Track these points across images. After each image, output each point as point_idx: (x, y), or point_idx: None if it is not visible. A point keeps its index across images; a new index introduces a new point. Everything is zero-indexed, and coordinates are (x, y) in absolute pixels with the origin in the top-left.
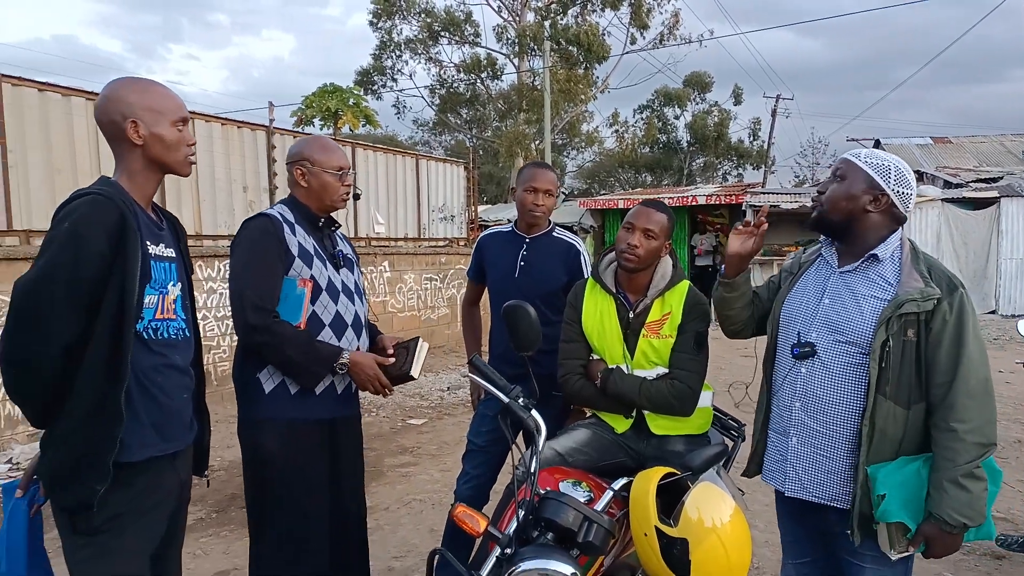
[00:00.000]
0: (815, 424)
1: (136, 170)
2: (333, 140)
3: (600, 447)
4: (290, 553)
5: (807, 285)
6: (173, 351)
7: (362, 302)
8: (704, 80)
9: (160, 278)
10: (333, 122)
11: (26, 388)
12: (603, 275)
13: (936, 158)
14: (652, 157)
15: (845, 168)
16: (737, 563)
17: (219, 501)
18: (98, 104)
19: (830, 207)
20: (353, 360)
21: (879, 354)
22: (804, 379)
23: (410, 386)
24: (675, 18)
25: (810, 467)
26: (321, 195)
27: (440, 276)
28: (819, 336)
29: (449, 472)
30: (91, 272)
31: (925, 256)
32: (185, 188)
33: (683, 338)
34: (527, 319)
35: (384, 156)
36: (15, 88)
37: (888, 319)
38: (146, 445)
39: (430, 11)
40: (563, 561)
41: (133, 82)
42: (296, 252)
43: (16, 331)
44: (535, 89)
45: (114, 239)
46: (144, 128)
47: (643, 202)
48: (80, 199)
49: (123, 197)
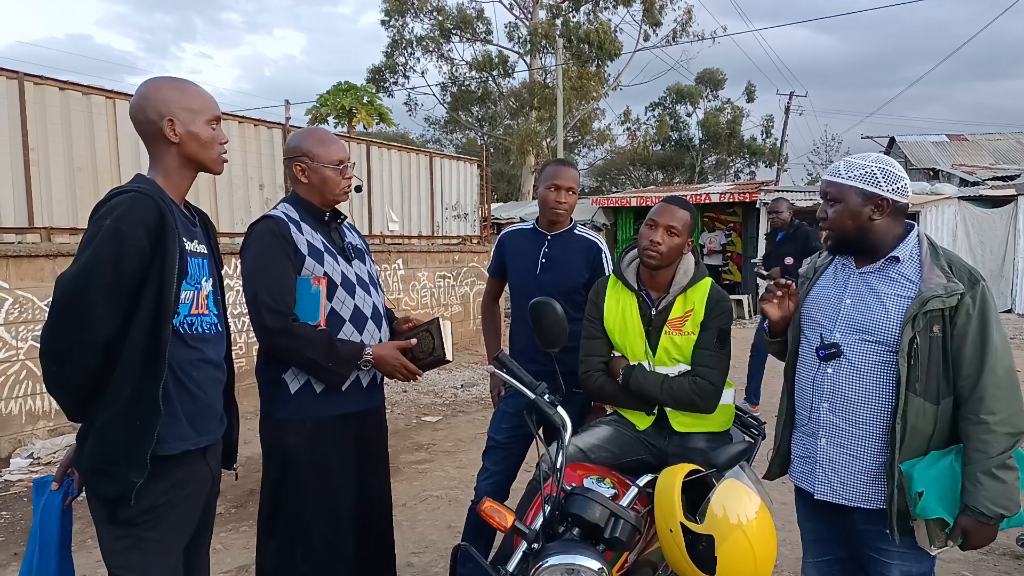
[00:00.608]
0: (844, 424)
1: (172, 168)
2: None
3: (622, 444)
4: (318, 553)
5: (826, 287)
6: (207, 345)
7: (379, 292)
8: (717, 77)
9: (195, 274)
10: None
11: (65, 380)
12: (625, 272)
13: (952, 156)
14: (664, 155)
15: (834, 191)
16: (763, 560)
17: (238, 496)
18: (134, 103)
19: (838, 232)
20: (377, 356)
21: (907, 351)
22: (831, 380)
23: (424, 383)
24: (688, 15)
25: (840, 469)
26: (322, 190)
27: (453, 274)
28: (844, 336)
29: (465, 469)
30: (132, 268)
31: (944, 251)
32: (202, 186)
33: (706, 335)
34: (553, 315)
35: (398, 154)
36: (37, 87)
37: (914, 316)
38: (181, 438)
39: (442, 9)
40: (591, 556)
41: (169, 81)
42: (306, 251)
43: (58, 324)
44: (547, 87)
45: (154, 236)
46: (180, 126)
47: (666, 199)
48: (121, 195)
49: (161, 195)
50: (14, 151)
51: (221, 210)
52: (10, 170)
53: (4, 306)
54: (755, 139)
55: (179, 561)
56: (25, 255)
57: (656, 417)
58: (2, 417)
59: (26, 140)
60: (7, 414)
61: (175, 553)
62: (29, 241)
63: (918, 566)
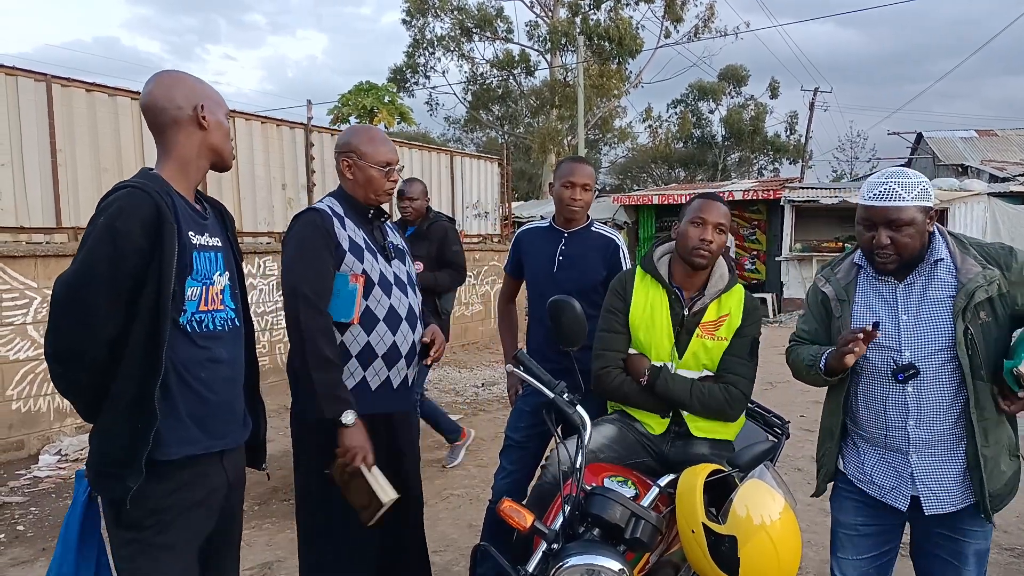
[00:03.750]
0: (932, 436)
1: (190, 157)
2: (383, 133)
3: (626, 444)
4: (345, 550)
5: (872, 307)
6: (218, 343)
7: (415, 294)
8: (740, 73)
9: (204, 269)
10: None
11: (71, 382)
12: (657, 264)
13: (981, 151)
14: (686, 152)
15: (903, 215)
16: (787, 561)
17: (261, 494)
18: (154, 92)
19: (908, 253)
20: (350, 431)
21: (965, 343)
22: (914, 399)
23: (445, 382)
24: (710, 11)
25: (942, 478)
26: (365, 188)
27: (474, 272)
28: (914, 354)
29: (485, 468)
30: (129, 266)
31: (967, 238)
32: (226, 185)
33: (740, 342)
34: (573, 314)
35: (420, 153)
36: (64, 89)
37: (963, 309)
38: (186, 442)
39: (463, 8)
40: (611, 557)
41: (188, 74)
42: (347, 247)
43: (59, 326)
44: (567, 85)
45: (151, 233)
46: (210, 115)
47: (703, 195)
48: (118, 192)
49: (161, 188)
50: (42, 152)
51: (244, 210)
52: (38, 171)
53: (33, 305)
54: (779, 136)
55: (192, 569)
56: (53, 255)
57: (670, 421)
58: (31, 414)
59: (54, 141)
60: (36, 411)
61: (185, 560)
62: (57, 241)
63: (986, 543)
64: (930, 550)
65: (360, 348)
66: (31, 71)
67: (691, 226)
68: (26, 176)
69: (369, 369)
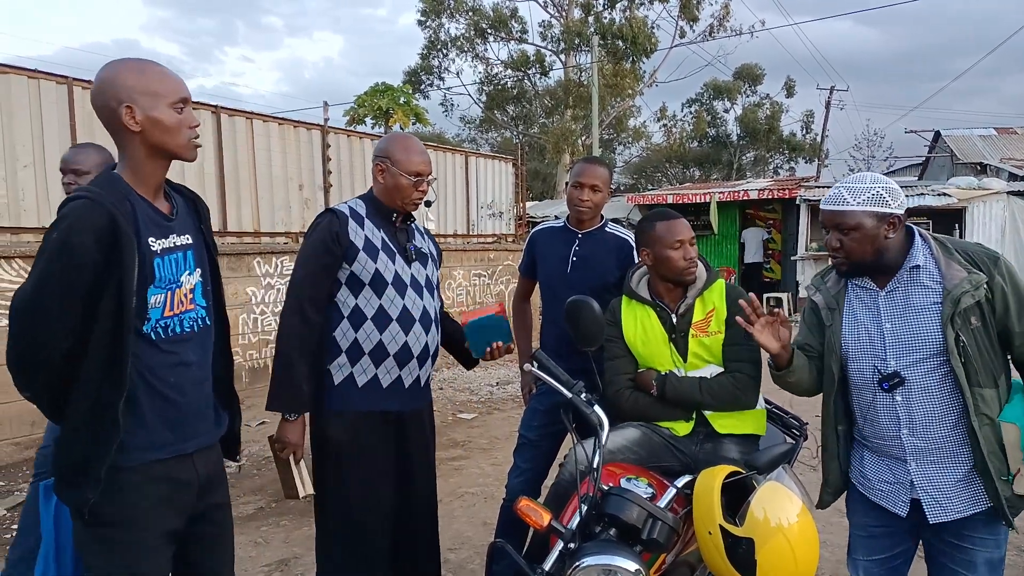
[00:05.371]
0: (928, 444)
1: (138, 159)
2: (420, 144)
3: (650, 447)
4: (356, 544)
5: (857, 315)
6: (187, 346)
7: (433, 297)
8: (755, 72)
9: (166, 275)
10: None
11: (31, 391)
12: (636, 289)
13: (1000, 149)
14: (701, 151)
15: (846, 219)
16: (804, 564)
17: (278, 491)
18: (93, 90)
19: (856, 257)
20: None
21: (957, 351)
22: (904, 407)
23: (460, 381)
24: (725, 9)
25: (942, 486)
26: (393, 195)
27: (488, 272)
28: (899, 362)
29: (500, 466)
30: (84, 280)
31: (953, 241)
32: (244, 186)
33: (733, 331)
34: (591, 314)
35: (434, 153)
36: (85, 91)
37: (951, 316)
38: (153, 447)
39: (477, 9)
40: (627, 557)
41: (126, 63)
42: (360, 245)
43: (16, 338)
44: (581, 85)
45: (106, 245)
46: (141, 113)
47: (662, 213)
48: (73, 202)
49: (119, 195)
50: (63, 154)
51: (262, 210)
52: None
53: None
54: (794, 135)
55: (162, 566)
56: None
57: (695, 422)
58: None
59: (75, 143)
60: None
61: (154, 558)
62: None
63: (999, 551)
64: (937, 557)
65: (372, 346)
66: (53, 74)
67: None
68: (48, 177)
69: (381, 367)
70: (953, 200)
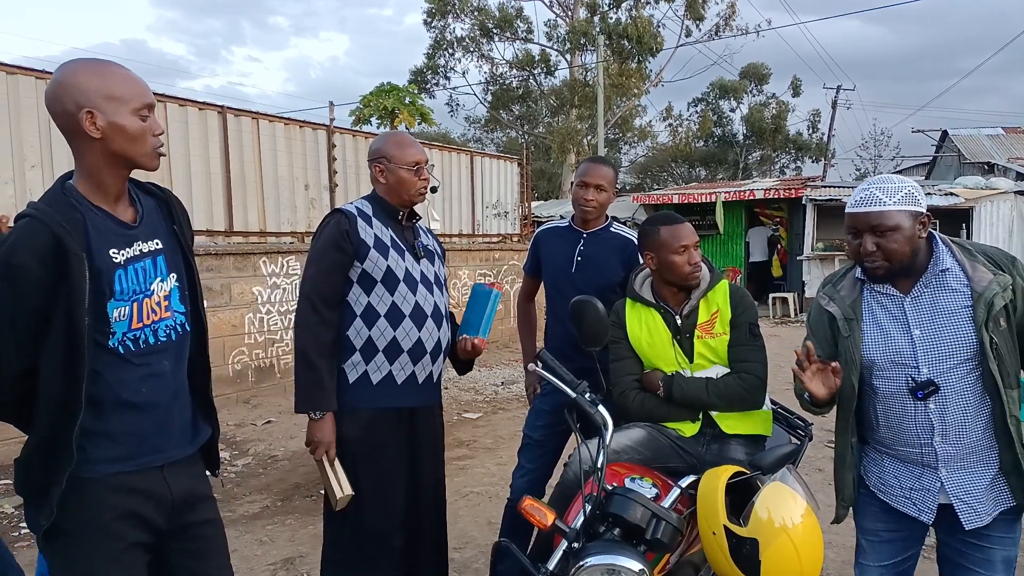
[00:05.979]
0: (960, 450)
1: (97, 167)
2: (409, 135)
3: (655, 448)
4: (368, 545)
5: (880, 323)
6: (160, 356)
7: (443, 293)
8: (761, 72)
9: (132, 285)
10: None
11: None
12: (640, 291)
13: (1008, 149)
14: (707, 151)
15: (886, 220)
16: (808, 564)
17: (284, 490)
18: (48, 91)
19: (896, 259)
20: (316, 423)
21: (992, 354)
22: (938, 415)
23: (465, 380)
24: (731, 8)
25: (974, 491)
26: (398, 190)
27: (494, 272)
28: (932, 369)
29: (505, 466)
30: (30, 301)
31: (971, 243)
32: (250, 186)
33: (738, 332)
34: (595, 314)
35: (440, 153)
36: None
37: (985, 320)
38: (122, 459)
39: (483, 9)
40: (631, 557)
41: (87, 64)
42: (371, 243)
43: None
44: (587, 85)
45: (50, 265)
46: (102, 119)
47: (666, 217)
48: (19, 221)
49: (66, 211)
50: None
51: (268, 210)
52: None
53: None
54: (801, 134)
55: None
56: None
57: (701, 423)
58: None
59: None
60: None
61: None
62: None
63: (1015, 549)
64: (955, 558)
65: (387, 343)
66: None
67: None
68: (56, 178)
69: (395, 364)
70: (960, 200)
